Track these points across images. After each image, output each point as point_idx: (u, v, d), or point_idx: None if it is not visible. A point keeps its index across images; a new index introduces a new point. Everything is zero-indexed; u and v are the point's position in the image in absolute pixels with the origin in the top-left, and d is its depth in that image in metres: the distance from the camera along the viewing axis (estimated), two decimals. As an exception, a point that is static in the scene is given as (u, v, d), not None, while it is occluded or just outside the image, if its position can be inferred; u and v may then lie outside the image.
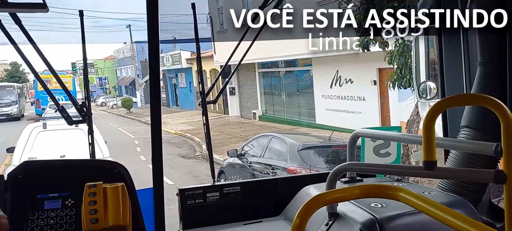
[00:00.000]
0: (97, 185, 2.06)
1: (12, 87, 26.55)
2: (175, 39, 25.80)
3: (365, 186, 1.43)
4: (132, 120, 26.13)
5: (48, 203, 2.20)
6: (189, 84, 27.98)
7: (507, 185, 1.42)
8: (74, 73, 35.68)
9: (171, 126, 21.63)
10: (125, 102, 31.03)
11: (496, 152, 1.69)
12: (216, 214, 2.59)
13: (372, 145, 2.66)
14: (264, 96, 22.47)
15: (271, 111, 21.94)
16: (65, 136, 7.97)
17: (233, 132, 18.63)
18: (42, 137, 8.52)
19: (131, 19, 29.71)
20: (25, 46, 2.32)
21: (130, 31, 31.34)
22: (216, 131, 18.52)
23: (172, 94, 31.02)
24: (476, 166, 2.21)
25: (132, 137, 19.16)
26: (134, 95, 34.39)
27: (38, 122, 9.70)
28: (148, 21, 2.11)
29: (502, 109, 1.42)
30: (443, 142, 2.25)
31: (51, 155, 7.53)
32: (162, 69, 28.05)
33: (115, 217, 2.06)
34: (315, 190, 2.40)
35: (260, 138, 10.37)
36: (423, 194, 2.26)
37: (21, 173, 2.21)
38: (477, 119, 2.27)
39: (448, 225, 1.20)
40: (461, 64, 2.55)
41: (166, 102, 30.62)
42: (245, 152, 10.08)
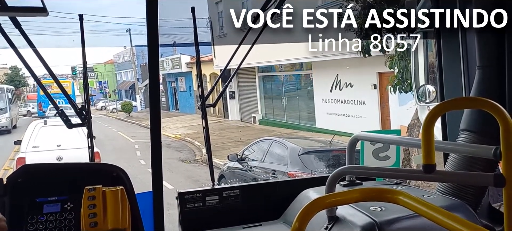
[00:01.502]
0: (96, 189, 2.06)
1: (0, 91, 21.22)
2: (175, 43, 25.79)
3: (364, 189, 1.43)
4: (132, 124, 26.08)
5: (47, 207, 2.19)
6: (189, 88, 28.02)
7: (506, 188, 1.42)
8: (74, 77, 35.73)
9: (171, 130, 21.58)
10: (125, 106, 30.98)
11: (495, 155, 1.69)
12: (215, 217, 2.59)
13: (372, 148, 2.66)
14: (264, 100, 22.48)
15: (271, 115, 21.94)
16: (61, 131, 9.45)
17: (233, 136, 18.61)
18: (43, 131, 10.63)
19: (131, 24, 29.78)
20: (25, 50, 2.32)
21: (130, 35, 31.36)
22: (216, 135, 18.45)
23: (172, 98, 31.01)
24: (475, 169, 2.21)
25: (132, 141, 19.14)
26: (134, 99, 34.36)
27: (40, 120, 12.10)
28: (148, 25, 2.11)
29: (501, 112, 1.42)
30: (442, 145, 2.25)
31: (49, 144, 9.97)
32: (162, 73, 28.02)
33: (114, 220, 2.05)
34: (315, 193, 2.40)
35: (261, 142, 10.38)
36: (423, 197, 2.26)
37: (20, 177, 2.21)
38: (476, 122, 2.27)
39: (448, 228, 1.20)
40: (460, 67, 2.55)
41: (165, 106, 30.60)
42: (246, 156, 10.07)
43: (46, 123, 10.97)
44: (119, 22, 42.78)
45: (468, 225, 1.18)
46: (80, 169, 2.43)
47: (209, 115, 25.13)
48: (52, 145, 10.08)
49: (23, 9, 2.17)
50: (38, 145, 10.36)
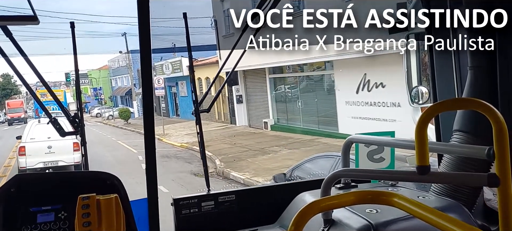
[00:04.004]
0: (90, 197, 2.04)
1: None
2: (175, 47, 25.14)
3: (360, 192, 1.43)
4: (131, 131, 24.93)
5: (41, 216, 2.17)
6: (190, 93, 26.55)
7: (500, 188, 1.42)
8: (67, 84, 35.48)
9: (175, 137, 20.35)
10: (123, 113, 30.07)
11: (488, 155, 1.70)
12: (211, 223, 2.58)
13: (366, 150, 2.67)
14: (276, 104, 20.73)
15: (284, 120, 20.19)
16: (51, 126, 11.71)
17: (247, 144, 17.00)
18: (37, 127, 14.34)
19: (127, 29, 29.38)
20: (17, 59, 2.30)
21: (126, 40, 30.89)
22: (226, 143, 17.04)
23: (172, 104, 29.89)
24: (469, 170, 2.22)
25: (134, 152, 17.78)
26: (130, 105, 33.68)
27: (35, 119, 17.27)
28: (140, 28, 2.09)
29: (493, 113, 1.43)
30: (436, 146, 2.26)
31: (42, 137, 13.70)
32: (162, 77, 26.79)
33: (108, 229, 2.04)
34: (310, 196, 2.40)
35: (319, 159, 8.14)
36: (418, 198, 2.27)
37: (13, 186, 2.19)
38: (469, 122, 2.28)
39: (443, 229, 1.21)
40: (452, 68, 2.56)
41: (165, 112, 29.33)
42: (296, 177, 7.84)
43: (39, 121, 14.77)
44: (114, 29, 42.49)
45: (463, 226, 1.18)
46: (74, 177, 2.42)
47: (214, 121, 23.99)
48: (44, 137, 13.65)
49: (14, 18, 2.15)
50: (34, 137, 14.13)
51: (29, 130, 14.66)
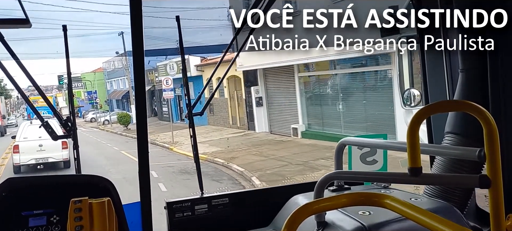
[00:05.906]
0: (82, 201, 2.03)
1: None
2: (176, 48, 23.93)
3: (352, 194, 1.43)
4: (133, 139, 20.98)
5: (33, 220, 2.16)
6: (197, 95, 23.64)
7: (491, 189, 1.44)
8: (60, 88, 35.01)
9: (186, 146, 16.05)
10: (122, 118, 27.08)
11: (479, 157, 1.72)
12: (204, 226, 2.57)
13: (359, 152, 2.68)
14: (307, 107, 17.49)
15: (318, 125, 16.93)
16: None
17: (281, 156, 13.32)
18: (30, 128, 15.73)
19: (125, 29, 28.55)
20: (8, 62, 2.29)
21: (123, 40, 29.85)
22: (254, 153, 13.62)
23: (176, 107, 26.55)
24: (461, 172, 2.24)
25: None
26: (127, 109, 32.11)
27: (28, 120, 19.68)
28: (132, 28, 2.09)
29: (484, 115, 1.44)
30: (427, 148, 2.27)
31: (34, 136, 14.87)
32: (171, 78, 23.48)
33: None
34: (304, 199, 2.40)
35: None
36: (410, 200, 2.28)
37: (5, 191, 2.17)
38: (460, 124, 2.30)
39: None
40: (443, 70, 2.58)
41: (168, 116, 25.73)
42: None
43: (31, 123, 16.60)
44: (109, 31, 42.03)
45: (455, 227, 1.19)
46: (66, 181, 2.40)
47: (229, 126, 21.46)
48: (35, 136, 14.79)
49: (6, 21, 2.14)
50: (26, 137, 15.51)
51: (22, 131, 16.18)
